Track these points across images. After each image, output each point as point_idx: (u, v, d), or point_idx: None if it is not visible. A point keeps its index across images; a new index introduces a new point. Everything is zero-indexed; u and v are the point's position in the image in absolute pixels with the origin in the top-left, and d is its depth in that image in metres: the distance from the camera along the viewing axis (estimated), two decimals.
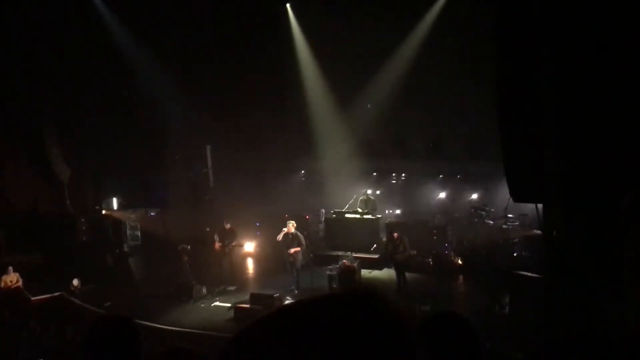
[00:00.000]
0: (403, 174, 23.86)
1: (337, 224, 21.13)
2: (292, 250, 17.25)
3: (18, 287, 17.68)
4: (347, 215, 20.93)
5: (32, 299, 17.39)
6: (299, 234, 17.59)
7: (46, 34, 19.31)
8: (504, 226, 19.69)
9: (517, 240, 18.36)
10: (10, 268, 17.94)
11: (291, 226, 17.49)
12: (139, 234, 23.06)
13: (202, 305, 17.17)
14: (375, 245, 19.68)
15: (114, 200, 23.57)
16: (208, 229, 19.43)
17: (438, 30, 21.44)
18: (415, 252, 17.91)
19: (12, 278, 17.74)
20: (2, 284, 17.69)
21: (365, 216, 20.59)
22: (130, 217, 23.00)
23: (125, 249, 22.60)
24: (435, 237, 19.74)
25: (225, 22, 21.15)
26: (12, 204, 20.64)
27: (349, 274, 16.84)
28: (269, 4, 22.50)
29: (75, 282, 18.30)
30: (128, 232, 22.89)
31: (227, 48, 21.55)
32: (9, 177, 20.69)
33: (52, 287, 17.95)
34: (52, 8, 18.65)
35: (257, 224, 22.19)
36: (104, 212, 22.79)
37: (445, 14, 21.25)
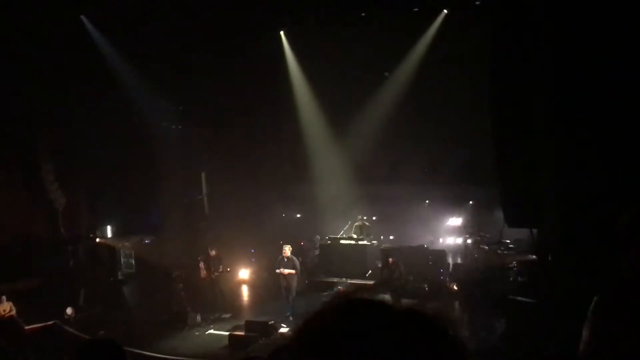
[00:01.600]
0: (398, 200, 23.83)
1: (332, 250, 21.08)
2: (286, 272, 17.22)
3: (11, 315, 17.54)
4: (342, 242, 20.90)
5: (26, 327, 17.27)
6: (294, 258, 17.60)
7: (42, 63, 19.34)
8: (498, 251, 19.67)
9: (512, 265, 18.32)
10: (4, 297, 17.81)
11: (287, 250, 17.51)
12: (133, 262, 22.95)
13: (197, 333, 17.08)
14: (370, 272, 19.65)
15: (108, 227, 23.48)
16: (199, 257, 19.35)
17: (432, 56, 21.54)
18: (411, 278, 17.88)
19: (5, 307, 17.61)
20: None
21: (360, 242, 20.57)
22: (125, 245, 22.90)
23: (119, 277, 22.47)
24: (430, 263, 19.69)
25: (220, 51, 21.23)
26: (6, 230, 20.53)
27: None
28: (263, 32, 22.58)
29: (69, 310, 18.20)
30: (122, 260, 22.75)
31: (221, 76, 21.61)
32: (3, 203, 20.60)
33: (47, 315, 17.86)
34: (47, 36, 18.70)
35: (252, 251, 22.14)
36: (98, 239, 22.68)
37: (439, 40, 21.34)
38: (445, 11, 21.01)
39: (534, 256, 17.91)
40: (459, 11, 20.48)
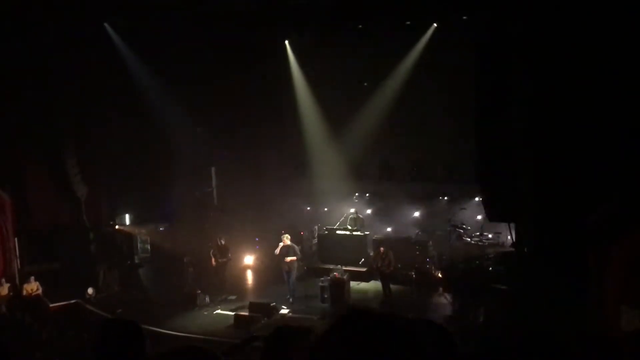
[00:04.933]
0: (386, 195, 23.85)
1: (329, 239, 21.16)
2: (289, 259, 17.32)
3: (38, 294, 17.64)
4: (337, 232, 20.97)
5: (51, 305, 17.34)
6: (294, 245, 17.67)
7: (66, 62, 19.34)
8: (479, 243, 19.70)
9: (491, 255, 18.36)
10: (32, 277, 17.92)
11: (286, 239, 17.61)
12: (149, 247, 22.99)
13: (205, 312, 17.15)
14: (363, 259, 19.70)
15: (127, 216, 23.48)
16: (210, 245, 19.39)
17: (422, 65, 21.54)
18: (399, 265, 17.93)
19: (33, 286, 17.71)
20: (24, 292, 17.64)
21: (354, 232, 20.63)
22: (141, 232, 22.93)
23: (136, 260, 22.51)
24: (417, 253, 19.74)
25: (229, 56, 21.24)
26: (34, 218, 20.56)
27: (339, 285, 16.86)
28: (269, 40, 22.61)
29: (90, 290, 18.28)
30: (139, 245, 22.80)
31: (230, 80, 21.59)
32: (31, 194, 20.63)
33: (69, 295, 17.93)
34: (70, 37, 18.67)
35: (257, 239, 22.16)
36: (117, 226, 22.71)
37: (429, 51, 21.34)
38: (435, 25, 21.02)
39: (511, 248, 17.96)
40: (447, 25, 20.48)
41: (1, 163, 19.50)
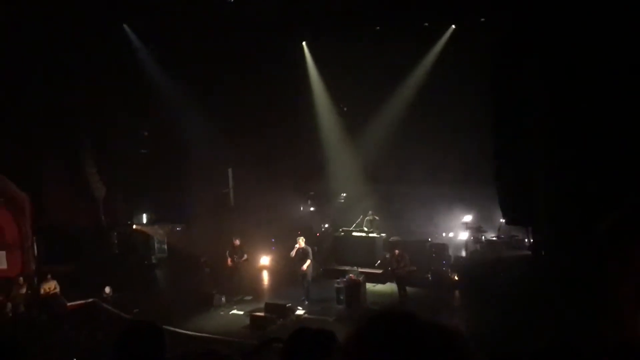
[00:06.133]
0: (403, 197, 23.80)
1: (345, 241, 21.11)
2: (305, 267, 17.27)
3: (55, 293, 17.74)
4: (353, 234, 20.94)
5: (68, 304, 17.44)
6: (308, 247, 17.64)
7: (84, 63, 19.48)
8: (496, 246, 19.63)
9: (508, 259, 18.29)
10: (49, 276, 18.03)
11: (301, 241, 17.57)
12: (166, 247, 23.11)
13: (221, 313, 17.16)
14: (379, 261, 19.66)
15: (144, 216, 23.63)
16: (226, 246, 19.42)
17: (440, 66, 21.48)
18: (415, 267, 17.88)
19: (51, 285, 17.81)
20: (42, 291, 17.76)
21: (370, 234, 20.59)
22: (159, 232, 23.05)
23: (153, 260, 22.64)
24: (434, 255, 19.68)
25: (246, 58, 21.30)
26: (52, 218, 20.74)
27: (355, 287, 16.82)
28: (287, 42, 22.63)
29: (107, 289, 18.35)
30: (156, 245, 22.92)
31: (247, 81, 21.66)
32: (51, 195, 20.82)
33: (86, 294, 18.02)
34: (89, 38, 18.80)
35: (272, 240, 22.19)
36: (134, 226, 22.85)
37: (447, 52, 21.29)
38: (453, 26, 20.98)
39: (528, 251, 17.88)
40: (465, 27, 20.41)
41: (20, 163, 19.66)
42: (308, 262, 17.37)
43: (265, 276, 20.91)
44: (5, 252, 19.36)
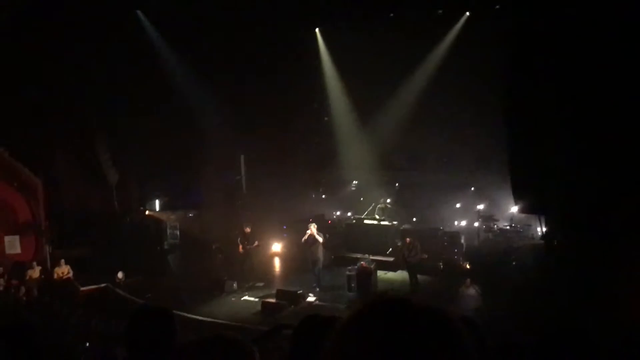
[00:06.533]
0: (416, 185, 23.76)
1: (357, 228, 21.11)
2: (316, 253, 17.26)
3: (69, 278, 17.90)
4: (365, 221, 20.92)
5: (81, 289, 17.57)
6: (319, 234, 17.59)
7: (98, 48, 19.50)
8: (508, 235, 19.58)
9: (520, 248, 18.25)
10: (62, 261, 18.18)
11: (313, 228, 17.52)
12: (178, 233, 23.21)
13: (233, 299, 17.24)
14: (390, 249, 19.66)
15: (157, 201, 23.73)
16: (237, 232, 19.45)
17: (454, 53, 21.35)
18: (426, 255, 17.87)
19: (64, 270, 17.97)
20: (55, 275, 17.91)
21: (382, 222, 20.57)
22: (171, 218, 23.15)
23: (165, 246, 22.75)
24: (446, 244, 19.66)
25: (260, 43, 21.25)
26: (66, 204, 20.88)
27: (366, 274, 16.82)
28: (300, 28, 22.56)
29: (120, 275, 18.47)
30: (168, 231, 23.02)
31: (260, 68, 21.65)
32: (64, 180, 20.95)
33: (99, 279, 18.14)
34: (102, 23, 18.82)
35: (284, 227, 22.23)
36: (147, 212, 22.96)
37: (461, 40, 21.16)
38: (467, 13, 20.85)
39: (541, 240, 17.81)
40: (479, 14, 20.27)
41: (33, 148, 19.77)
42: (320, 248, 17.39)
43: (277, 263, 20.97)
44: (19, 237, 19.52)
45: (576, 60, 12.97)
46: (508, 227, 20.16)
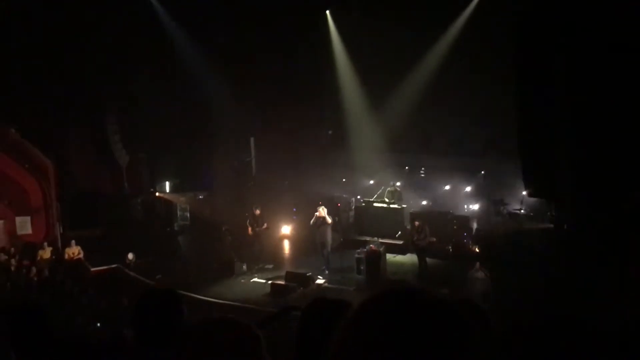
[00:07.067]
0: (423, 168, 23.68)
1: (366, 211, 21.07)
2: (324, 235, 17.29)
3: (79, 258, 18.02)
4: (375, 204, 20.88)
5: (92, 269, 17.70)
6: (328, 216, 17.60)
7: (109, 30, 19.49)
8: (519, 219, 19.53)
9: (530, 231, 18.20)
10: (73, 241, 18.30)
11: (321, 210, 17.53)
12: (188, 214, 23.30)
13: (242, 280, 17.33)
14: (400, 232, 19.65)
15: (167, 183, 23.80)
16: (247, 214, 19.47)
17: (465, 36, 21.20)
18: (434, 239, 17.86)
19: (75, 250, 18.09)
20: (66, 256, 18.04)
21: (391, 205, 20.53)
22: (181, 200, 23.24)
23: (175, 228, 22.86)
24: (455, 227, 19.63)
25: (270, 26, 21.19)
26: (76, 185, 20.99)
27: (375, 257, 16.83)
28: (311, 10, 22.44)
29: (130, 256, 18.58)
30: (178, 212, 23.12)
31: (271, 51, 21.59)
32: (75, 162, 21.05)
33: (110, 260, 18.26)
34: (113, 4, 18.81)
35: (294, 209, 22.23)
36: (157, 194, 23.04)
37: (472, 23, 21.01)
38: None
39: (551, 225, 17.76)
40: None
41: (44, 130, 19.85)
42: (328, 230, 17.42)
43: (286, 245, 21.01)
44: (30, 218, 19.66)
45: (592, 42, 12.86)
46: (518, 211, 20.09)
